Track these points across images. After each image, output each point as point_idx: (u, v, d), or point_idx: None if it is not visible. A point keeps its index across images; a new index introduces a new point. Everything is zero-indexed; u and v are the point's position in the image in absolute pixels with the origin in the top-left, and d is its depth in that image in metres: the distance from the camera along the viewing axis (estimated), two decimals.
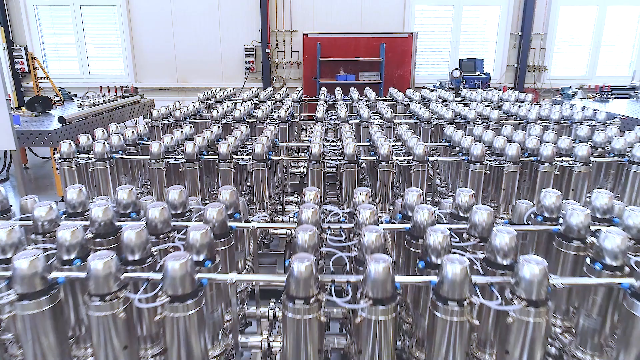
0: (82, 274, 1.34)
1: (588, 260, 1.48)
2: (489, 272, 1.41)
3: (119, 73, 9.33)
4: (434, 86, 8.22)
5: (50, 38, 9.27)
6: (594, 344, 1.53)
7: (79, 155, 2.77)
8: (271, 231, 2.84)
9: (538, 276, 1.20)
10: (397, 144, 3.17)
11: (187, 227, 1.68)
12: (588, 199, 2.44)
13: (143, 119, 7.47)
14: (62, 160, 2.72)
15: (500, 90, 6.74)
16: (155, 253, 1.49)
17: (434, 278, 1.30)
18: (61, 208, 1.84)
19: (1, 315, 1.24)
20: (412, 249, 1.64)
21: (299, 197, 3.39)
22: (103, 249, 1.52)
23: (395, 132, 3.80)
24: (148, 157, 2.76)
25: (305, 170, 3.98)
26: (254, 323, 1.98)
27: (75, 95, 6.88)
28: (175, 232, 1.68)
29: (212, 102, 5.33)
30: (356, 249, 1.55)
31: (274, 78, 9.52)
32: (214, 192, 3.00)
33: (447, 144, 3.22)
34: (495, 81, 9.61)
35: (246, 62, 9.26)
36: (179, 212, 1.82)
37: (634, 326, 1.26)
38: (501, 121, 3.96)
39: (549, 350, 1.74)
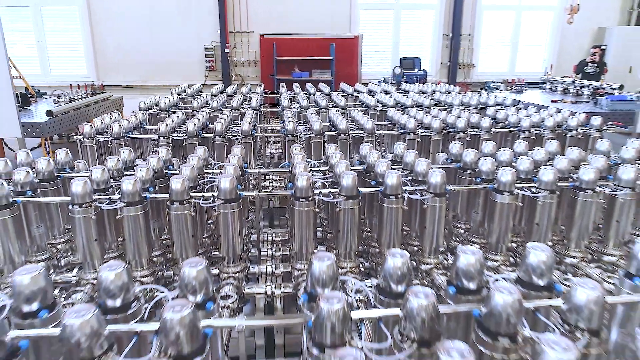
0: (161, 195, 2.08)
1: (474, 178, 2.41)
2: (417, 184, 2.28)
3: (81, 72, 9.62)
4: (379, 81, 9.22)
5: (9, 38, 9.36)
6: (479, 232, 2.45)
7: (98, 136, 3.42)
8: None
9: (439, 179, 2.09)
10: (351, 123, 4.03)
11: (212, 172, 2.46)
12: None
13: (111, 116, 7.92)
14: (85, 139, 3.36)
15: (435, 84, 7.83)
16: (200, 183, 2.25)
17: (381, 187, 2.15)
18: None
19: (117, 216, 1.96)
20: (367, 179, 2.50)
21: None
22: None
23: (348, 116, 4.67)
24: (157, 135, 3.45)
25: (273, 151, 4.79)
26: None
27: (45, 93, 7.22)
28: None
29: (183, 96, 5.98)
30: (332, 179, 2.38)
31: (233, 76, 10.19)
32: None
33: (389, 122, 4.13)
34: (431, 77, 10.82)
35: (206, 62, 9.87)
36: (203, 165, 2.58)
37: (495, 209, 2.18)
38: (432, 106, 4.95)
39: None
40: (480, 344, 1.12)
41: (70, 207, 1.93)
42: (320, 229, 2.79)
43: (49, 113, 5.16)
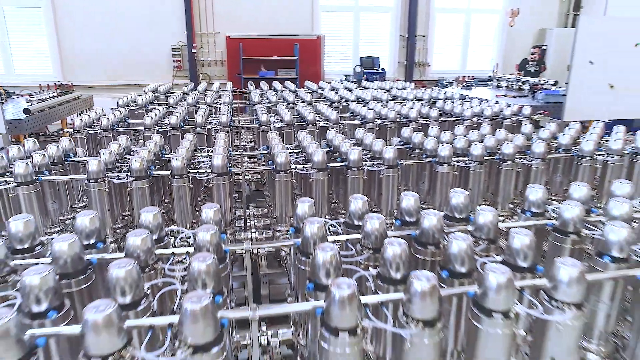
0: (162, 172, 2.48)
1: (421, 156, 2.93)
2: (374, 160, 2.78)
3: (47, 72, 9.62)
4: (341, 80, 9.75)
5: None
6: (426, 200, 2.98)
7: (87, 128, 3.74)
8: None
9: (392, 154, 2.59)
10: (317, 115, 4.50)
11: (200, 155, 2.87)
12: None
13: (80, 114, 8.06)
14: (76, 131, 3.67)
15: (393, 82, 8.43)
16: (194, 161, 2.66)
17: (345, 162, 2.63)
18: None
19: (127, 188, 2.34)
20: (333, 159, 2.97)
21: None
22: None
23: (314, 110, 5.14)
24: (142, 127, 3.80)
25: (246, 144, 5.20)
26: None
27: (14, 93, 7.30)
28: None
29: (156, 94, 6.28)
30: (304, 157, 2.84)
31: (200, 75, 10.46)
32: None
33: (351, 114, 4.64)
34: (390, 75, 11.47)
35: (174, 61, 10.11)
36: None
37: (437, 178, 2.71)
38: (389, 101, 5.50)
39: None
40: (416, 253, 1.62)
41: (86, 182, 2.30)
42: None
43: (26, 111, 5.35)
